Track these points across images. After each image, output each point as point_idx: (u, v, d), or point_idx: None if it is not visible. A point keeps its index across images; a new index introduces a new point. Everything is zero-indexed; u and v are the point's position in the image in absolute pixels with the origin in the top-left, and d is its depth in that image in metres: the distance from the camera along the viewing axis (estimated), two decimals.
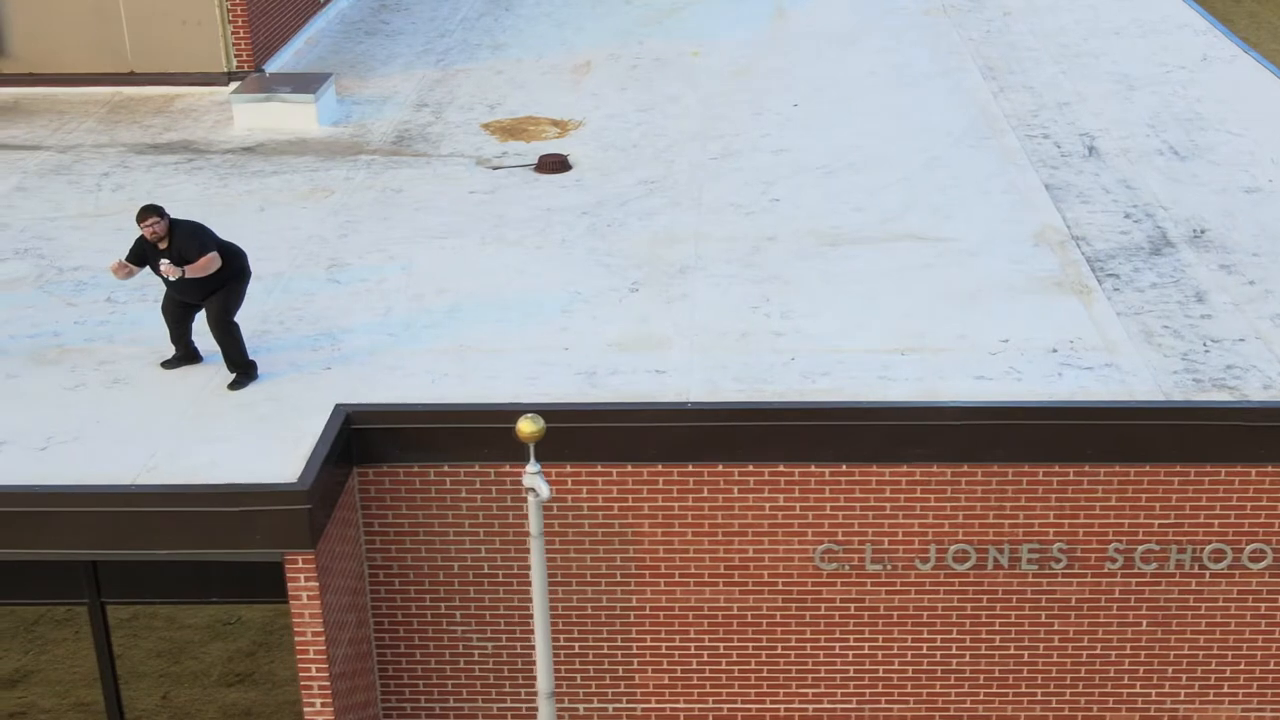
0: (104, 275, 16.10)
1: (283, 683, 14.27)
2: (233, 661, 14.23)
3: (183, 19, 21.41)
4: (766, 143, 19.80)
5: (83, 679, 14.19)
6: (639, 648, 13.87)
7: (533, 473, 11.02)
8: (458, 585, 13.68)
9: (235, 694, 14.34)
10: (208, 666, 14.18)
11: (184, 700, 14.39)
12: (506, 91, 21.98)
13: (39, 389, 13.87)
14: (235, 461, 12.71)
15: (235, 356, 13.74)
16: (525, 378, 13.89)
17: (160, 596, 13.74)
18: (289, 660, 14.06)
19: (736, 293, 15.57)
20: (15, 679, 14.25)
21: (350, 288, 15.78)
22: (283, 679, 14.23)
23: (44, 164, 19.32)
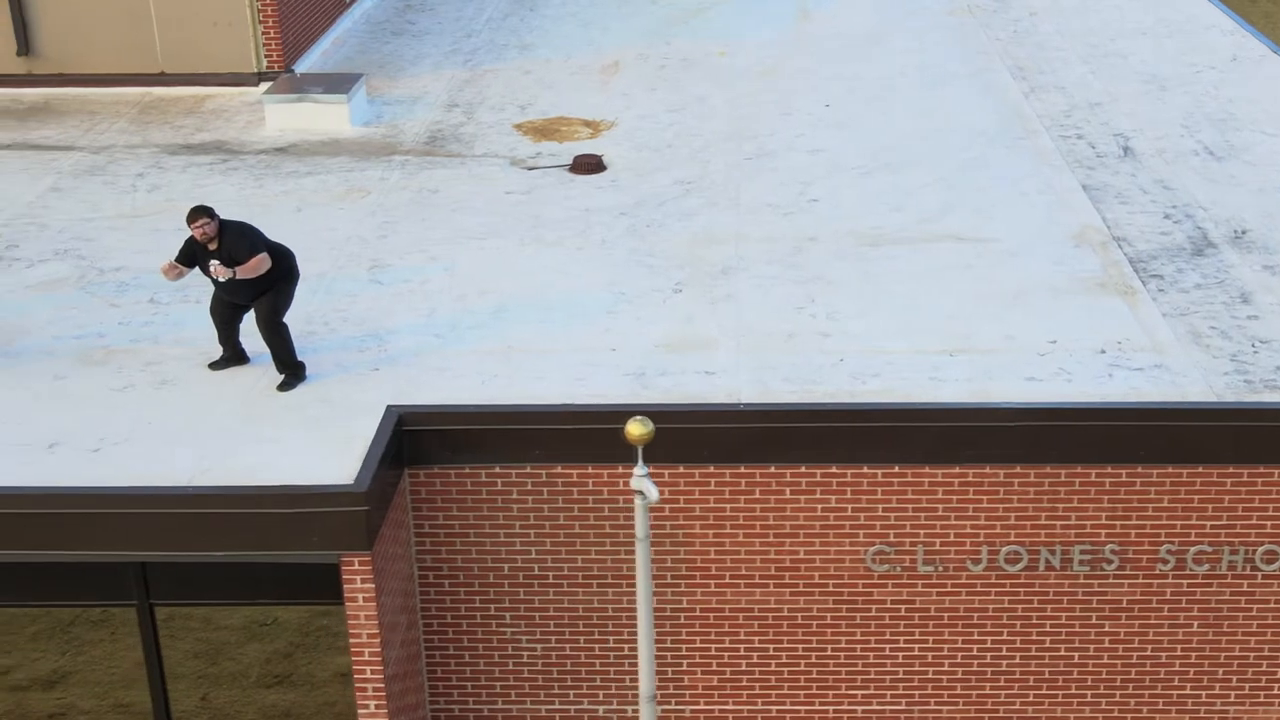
0: (145, 276, 16.07)
1: (322, 684, 14.24)
2: (271, 663, 14.20)
3: (213, 20, 21.38)
4: (800, 143, 19.77)
5: (121, 680, 14.15)
6: (689, 649, 13.84)
7: (640, 475, 10.93)
8: (507, 587, 13.65)
9: (275, 695, 14.31)
10: (246, 668, 14.15)
11: (223, 701, 14.36)
12: (536, 92, 21.95)
13: (87, 390, 13.84)
14: (289, 463, 12.69)
15: (284, 357, 13.71)
16: (574, 378, 13.86)
17: (208, 598, 13.69)
18: (327, 661, 14.03)
19: (780, 293, 15.54)
20: (53, 680, 14.22)
21: (393, 289, 15.75)
22: (322, 680, 14.20)
23: (78, 164, 19.29)
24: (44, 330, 14.95)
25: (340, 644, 14.12)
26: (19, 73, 21.61)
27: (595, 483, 13.26)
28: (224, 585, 13.55)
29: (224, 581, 13.52)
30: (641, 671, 11.15)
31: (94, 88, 21.77)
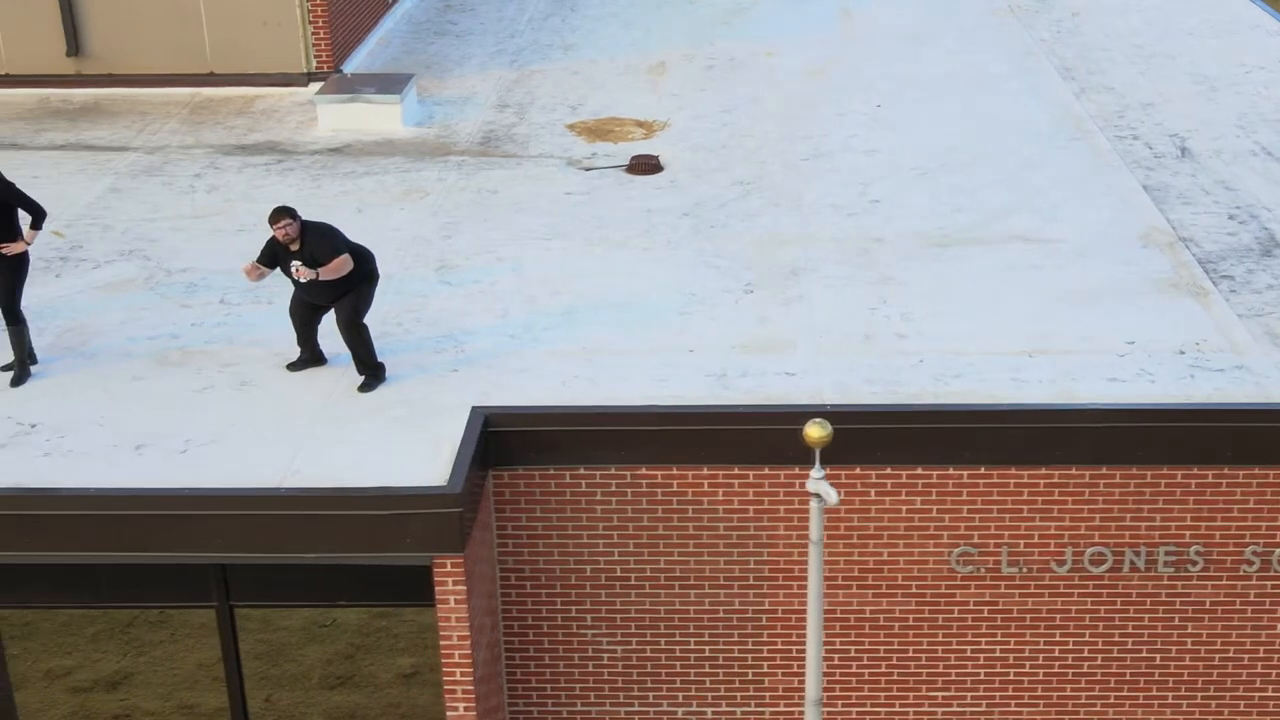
0: (213, 277, 16.05)
1: (385, 685, 14.22)
2: (332, 664, 14.17)
3: (263, 20, 21.34)
4: (856, 143, 19.75)
5: (183, 681, 14.12)
6: (769, 651, 13.81)
7: (817, 478, 10.87)
8: (589, 588, 13.62)
9: (338, 696, 14.28)
10: (307, 669, 14.12)
11: (287, 703, 14.32)
12: (586, 92, 21.92)
13: (168, 391, 13.80)
14: (377, 465, 12.65)
15: (365, 359, 13.67)
16: (655, 379, 13.83)
17: (287, 599, 13.66)
18: (389, 663, 14.00)
19: (852, 294, 15.51)
20: (116, 681, 14.19)
21: (463, 289, 15.72)
22: (385, 681, 14.17)
23: (134, 165, 19.25)
24: (117, 331, 14.90)
25: (401, 645, 14.10)
26: (69, 73, 21.55)
27: (680, 484, 13.23)
28: (302, 587, 13.51)
29: (302, 583, 13.48)
30: (809, 676, 11.10)
31: (143, 88, 21.74)
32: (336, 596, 13.63)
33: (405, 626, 13.96)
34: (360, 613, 13.91)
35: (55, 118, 21.00)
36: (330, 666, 14.12)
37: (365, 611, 13.91)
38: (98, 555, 12.49)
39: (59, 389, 13.83)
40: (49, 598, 13.59)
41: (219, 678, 14.14)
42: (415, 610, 13.89)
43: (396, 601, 13.74)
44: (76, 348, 14.57)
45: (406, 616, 13.98)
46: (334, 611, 13.95)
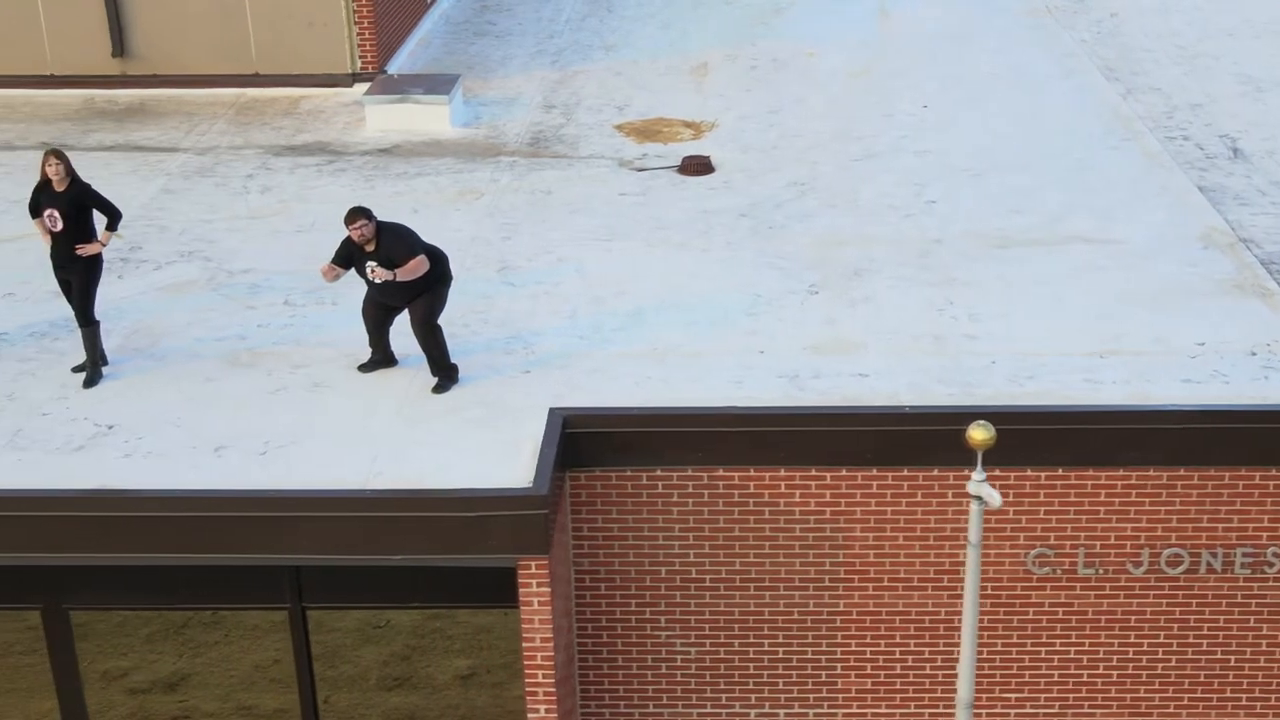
0: (275, 278, 16.04)
1: (443, 687, 14.20)
2: (388, 665, 14.15)
3: (309, 20, 21.32)
4: (906, 144, 19.73)
5: (240, 682, 14.10)
6: (843, 652, 13.80)
7: (979, 480, 10.84)
8: (664, 590, 13.61)
9: (396, 698, 14.26)
10: (364, 670, 14.10)
11: (345, 704, 14.30)
12: (630, 93, 21.90)
13: (241, 392, 13.78)
14: (458, 466, 12.63)
15: (440, 360, 13.65)
16: (729, 381, 13.81)
17: (359, 601, 13.63)
18: (445, 664, 13.99)
19: (917, 295, 15.50)
20: (174, 682, 14.17)
21: (527, 290, 15.70)
22: (442, 683, 14.16)
23: (186, 166, 19.23)
24: (184, 332, 14.88)
25: (457, 647, 14.09)
26: (114, 73, 21.51)
27: (757, 485, 13.21)
28: (372, 588, 13.48)
29: (372, 584, 13.46)
30: (961, 678, 11.10)
31: (188, 89, 21.70)
32: (408, 598, 13.60)
33: (460, 628, 13.94)
34: (414, 614, 13.88)
35: (102, 118, 20.98)
36: (387, 668, 14.09)
37: (419, 613, 13.89)
38: (179, 557, 12.48)
39: (132, 390, 13.81)
40: (123, 599, 13.56)
41: (276, 679, 14.11)
42: (469, 612, 13.87)
43: (468, 604, 13.71)
44: (145, 349, 14.54)
45: (461, 618, 13.96)
46: (388, 613, 13.92)
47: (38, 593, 13.43)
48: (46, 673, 13.83)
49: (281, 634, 13.95)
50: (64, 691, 13.83)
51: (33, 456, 12.78)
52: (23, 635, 13.86)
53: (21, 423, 13.24)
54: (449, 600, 13.63)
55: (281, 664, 14.13)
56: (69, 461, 12.75)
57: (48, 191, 13.52)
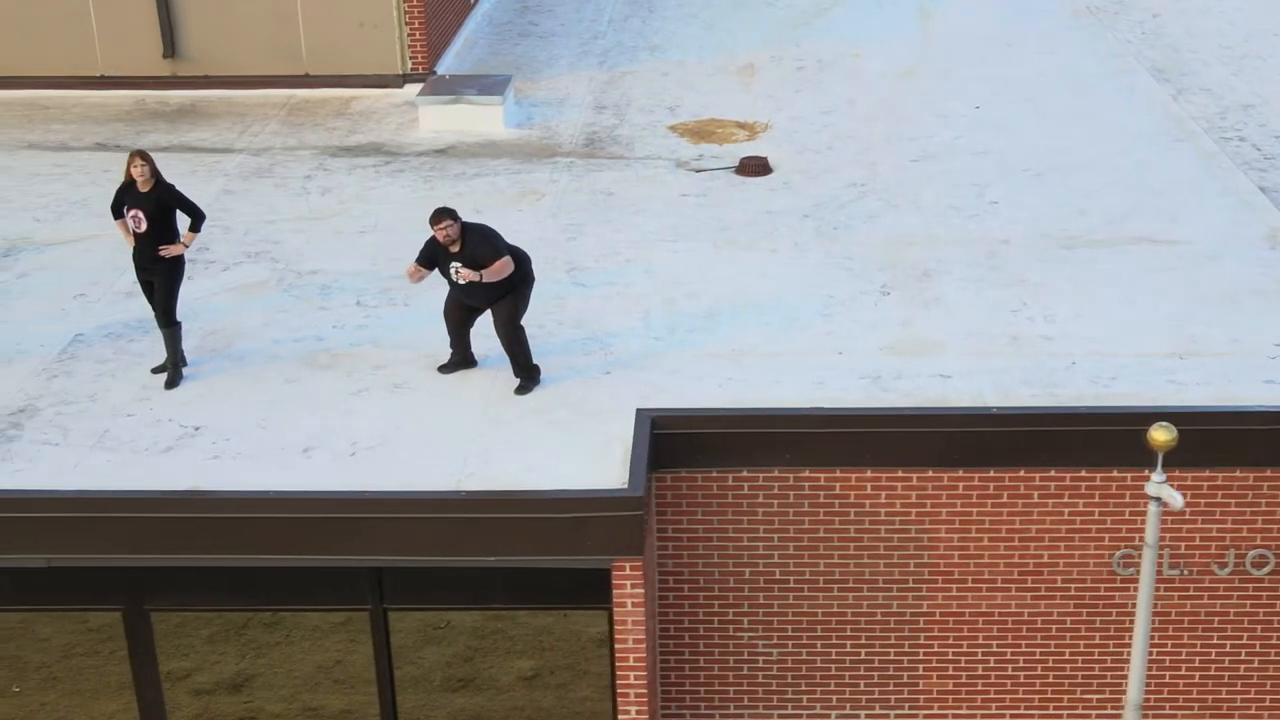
0: (345, 279, 16.03)
1: (507, 688, 14.19)
2: (451, 666, 14.14)
3: (360, 21, 21.30)
4: (962, 145, 19.74)
5: (304, 683, 14.09)
6: (926, 653, 13.79)
7: (1159, 482, 10.83)
8: (747, 591, 13.60)
9: (461, 699, 14.25)
10: (427, 671, 14.08)
11: (412, 705, 14.30)
12: (679, 93, 21.90)
13: (323, 393, 13.77)
14: (548, 467, 12.62)
15: (523, 361, 13.64)
16: (811, 382, 13.81)
17: (439, 602, 13.62)
18: (508, 665, 13.98)
19: (989, 296, 15.49)
20: (238, 683, 14.16)
21: (598, 291, 15.68)
22: (506, 684, 14.14)
23: (243, 167, 19.21)
24: (260, 333, 14.87)
25: (519, 648, 14.08)
26: (164, 74, 21.49)
27: (842, 486, 13.21)
28: (454, 589, 13.47)
29: (454, 586, 13.45)
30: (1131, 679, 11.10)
31: (238, 89, 21.67)
32: (487, 599, 13.59)
33: (520, 629, 13.93)
34: (475, 615, 13.86)
35: (154, 119, 20.96)
36: (450, 669, 14.08)
37: (480, 614, 13.87)
38: (268, 559, 12.44)
39: (214, 391, 13.79)
40: (202, 600, 13.55)
41: (340, 680, 14.11)
42: (529, 613, 13.86)
43: (549, 605, 13.70)
44: (222, 350, 14.53)
45: (521, 619, 13.95)
46: (448, 614, 13.90)
47: (119, 594, 13.41)
48: (110, 675, 13.82)
49: (340, 635, 13.93)
50: (143, 693, 13.80)
51: (121, 457, 12.76)
52: (84, 637, 13.85)
53: (107, 424, 13.22)
54: (527, 601, 13.60)
55: (344, 664, 14.12)
56: (158, 462, 12.74)
57: (131, 192, 13.50)
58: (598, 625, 14.12)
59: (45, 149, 19.83)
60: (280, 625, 13.94)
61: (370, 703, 14.12)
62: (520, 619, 13.86)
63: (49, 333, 14.86)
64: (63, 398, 13.68)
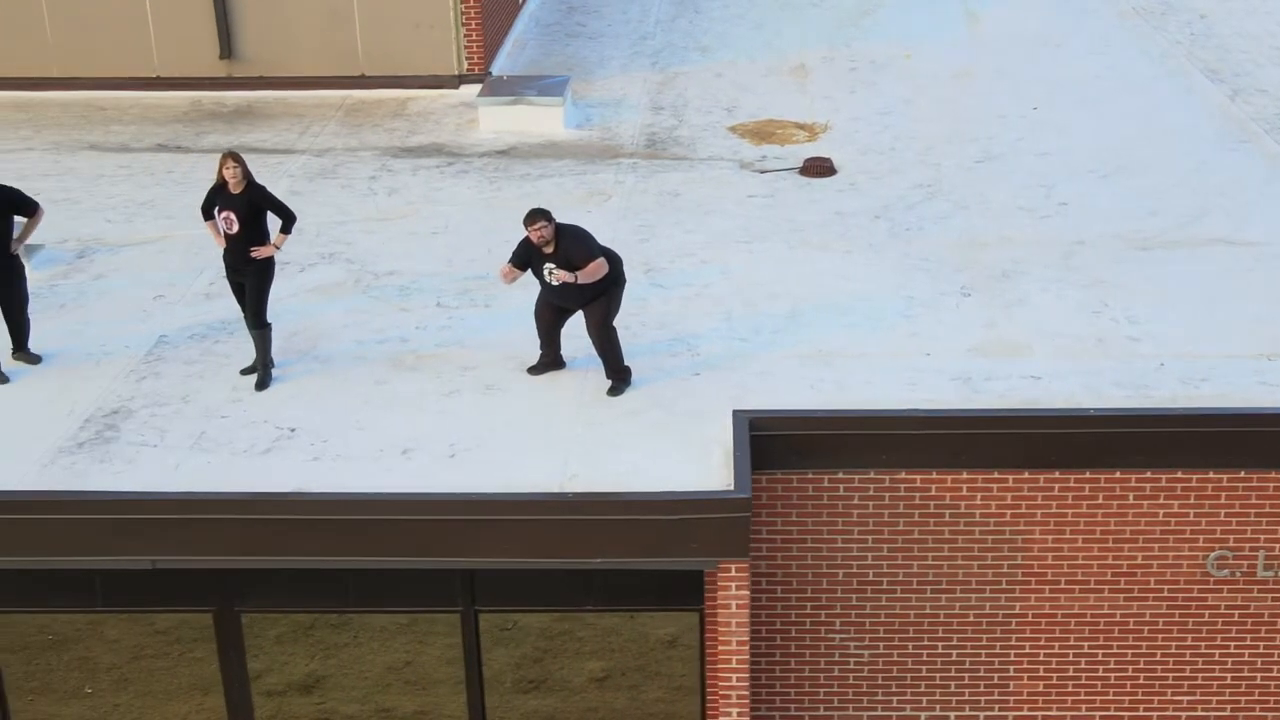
0: (423, 280, 16.03)
1: (579, 689, 14.18)
2: (521, 668, 14.13)
3: (416, 22, 21.27)
4: (1024, 145, 19.73)
5: (375, 684, 14.08)
6: (1017, 654, 13.78)
7: None
8: (840, 593, 13.58)
9: (534, 700, 14.24)
10: (498, 673, 14.08)
11: (486, 706, 14.27)
12: (735, 94, 21.89)
13: (414, 394, 13.75)
14: (651, 469, 12.60)
15: (615, 363, 13.63)
16: (903, 383, 13.79)
17: (530, 604, 13.62)
18: (578, 666, 13.97)
19: (1069, 297, 15.49)
20: (309, 684, 14.15)
21: (677, 292, 15.67)
22: (578, 685, 14.14)
23: (306, 168, 19.18)
24: (342, 334, 14.85)
25: (588, 649, 14.08)
26: (220, 75, 21.46)
27: (938, 488, 13.19)
28: (546, 591, 13.47)
29: (545, 587, 13.44)
30: None
31: (293, 90, 21.63)
32: (582, 601, 13.58)
33: (588, 630, 13.94)
34: (542, 616, 13.86)
35: (212, 120, 20.93)
36: (520, 670, 14.08)
37: (546, 615, 13.87)
38: (377, 561, 12.43)
39: (304, 393, 13.77)
40: (293, 602, 13.54)
41: (410, 681, 14.12)
42: (595, 614, 13.86)
43: (641, 606, 13.70)
44: (307, 351, 14.51)
45: (588, 620, 13.95)
46: (514, 615, 13.89)
47: (212, 595, 13.40)
48: (181, 676, 13.83)
49: (408, 636, 13.94)
50: (232, 695, 13.80)
51: (221, 459, 12.74)
52: (152, 639, 13.85)
53: (203, 425, 13.20)
54: (615, 603, 13.60)
55: (414, 665, 14.11)
56: (257, 464, 12.72)
57: (223, 194, 13.48)
58: (666, 627, 14.13)
59: (107, 150, 19.80)
60: (348, 626, 13.93)
61: (443, 704, 14.13)
62: (587, 619, 13.85)
63: (132, 334, 14.84)
64: (155, 399, 13.65)
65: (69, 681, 13.97)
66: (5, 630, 13.58)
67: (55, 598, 13.41)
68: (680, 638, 14.10)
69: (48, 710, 14.17)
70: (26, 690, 13.96)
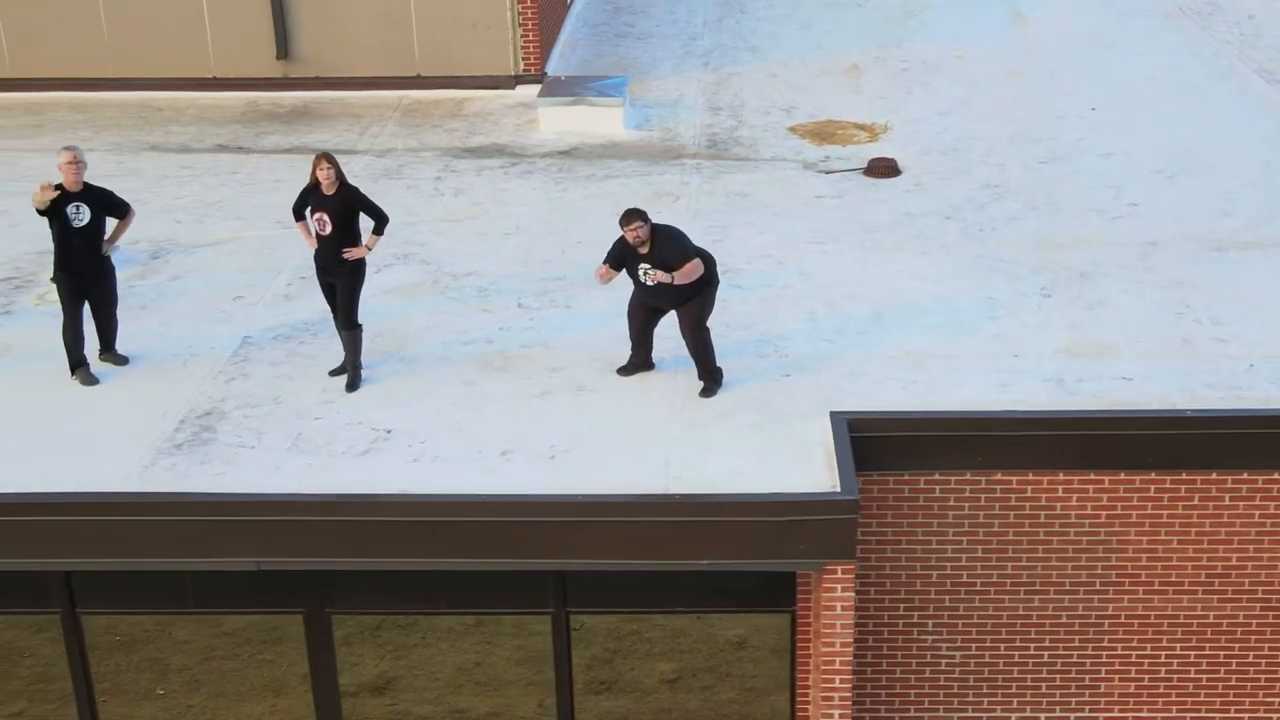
0: (501, 280, 16.00)
1: (651, 690, 14.17)
2: (592, 669, 14.11)
3: (473, 22, 21.24)
4: (1086, 146, 19.72)
5: (447, 685, 14.05)
6: (1109, 655, 13.76)
7: None
8: (933, 594, 13.56)
9: (606, 701, 14.23)
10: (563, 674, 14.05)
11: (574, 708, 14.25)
12: (791, 95, 21.87)
13: (506, 395, 13.72)
14: (752, 471, 12.58)
15: (708, 363, 13.61)
16: (995, 385, 13.77)
17: (622, 606, 13.61)
18: (649, 667, 13.96)
19: (1150, 298, 15.47)
20: (380, 685, 14.13)
21: (757, 293, 15.65)
22: (650, 687, 14.13)
23: (370, 168, 19.15)
24: (426, 335, 14.83)
25: (657, 650, 14.06)
26: (276, 76, 21.43)
27: (1034, 489, 13.17)
28: (634, 593, 13.45)
29: (634, 589, 13.42)
30: None
31: (349, 91, 21.59)
32: (669, 603, 13.56)
33: (656, 631, 13.93)
34: (609, 617, 13.84)
35: (270, 121, 20.90)
36: (591, 671, 14.05)
37: (613, 616, 13.85)
38: (487, 563, 12.41)
39: (396, 394, 13.75)
40: (384, 603, 13.52)
41: (481, 682, 14.12)
42: (664, 615, 13.85)
43: (734, 608, 13.69)
44: (393, 353, 14.48)
45: (656, 620, 13.93)
46: (581, 615, 13.88)
47: (304, 596, 13.38)
48: (252, 678, 13.86)
49: (475, 637, 13.92)
50: (321, 696, 13.78)
51: (320, 460, 12.72)
52: (221, 640, 13.84)
53: (297, 426, 13.17)
54: (707, 605, 13.58)
55: (484, 666, 14.10)
56: (357, 466, 12.69)
57: (316, 194, 13.45)
58: (734, 628, 14.12)
59: (168, 151, 19.77)
60: (415, 627, 13.92)
61: (516, 705, 14.12)
62: (655, 621, 13.84)
63: (215, 335, 14.81)
64: (246, 400, 13.62)
65: (139, 683, 13.93)
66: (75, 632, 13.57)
67: (147, 598, 13.37)
68: (749, 639, 14.09)
69: (121, 711, 14.16)
70: (99, 691, 13.95)
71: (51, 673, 13.91)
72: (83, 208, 13.46)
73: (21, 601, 13.58)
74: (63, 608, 13.50)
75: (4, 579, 13.24)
